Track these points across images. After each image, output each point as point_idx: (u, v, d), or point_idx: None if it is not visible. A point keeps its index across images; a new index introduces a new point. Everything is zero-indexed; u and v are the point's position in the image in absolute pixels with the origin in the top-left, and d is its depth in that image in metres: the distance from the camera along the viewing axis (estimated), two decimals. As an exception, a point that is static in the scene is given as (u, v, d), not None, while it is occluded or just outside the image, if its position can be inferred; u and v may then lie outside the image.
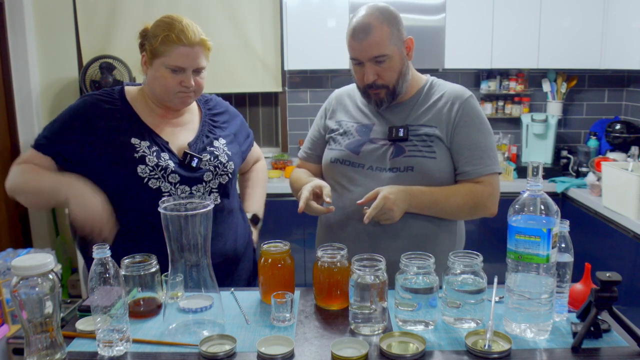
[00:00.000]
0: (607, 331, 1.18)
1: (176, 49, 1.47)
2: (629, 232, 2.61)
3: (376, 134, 1.64)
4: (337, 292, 1.31)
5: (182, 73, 1.50)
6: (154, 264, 1.30)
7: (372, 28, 1.52)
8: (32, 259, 1.03)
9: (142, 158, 1.50)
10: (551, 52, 3.40)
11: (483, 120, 1.63)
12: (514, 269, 1.17)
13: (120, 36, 3.68)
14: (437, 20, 3.37)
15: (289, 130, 3.92)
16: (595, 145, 3.51)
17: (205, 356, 1.11)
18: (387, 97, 1.60)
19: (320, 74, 3.80)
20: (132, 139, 1.52)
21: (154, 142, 1.55)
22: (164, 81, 1.51)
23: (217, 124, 1.69)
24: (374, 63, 1.55)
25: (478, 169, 1.58)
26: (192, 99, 1.59)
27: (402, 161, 1.58)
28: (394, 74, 1.57)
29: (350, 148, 1.65)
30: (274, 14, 3.67)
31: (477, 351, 1.10)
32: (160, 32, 1.49)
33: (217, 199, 1.60)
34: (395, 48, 1.55)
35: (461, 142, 1.59)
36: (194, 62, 1.50)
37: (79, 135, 1.52)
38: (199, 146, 1.61)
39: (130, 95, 1.61)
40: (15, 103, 3.66)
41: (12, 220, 3.76)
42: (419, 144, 1.59)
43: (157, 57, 1.50)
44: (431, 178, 1.57)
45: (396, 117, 1.64)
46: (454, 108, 1.60)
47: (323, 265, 1.31)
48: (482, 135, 1.60)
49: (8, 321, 1.93)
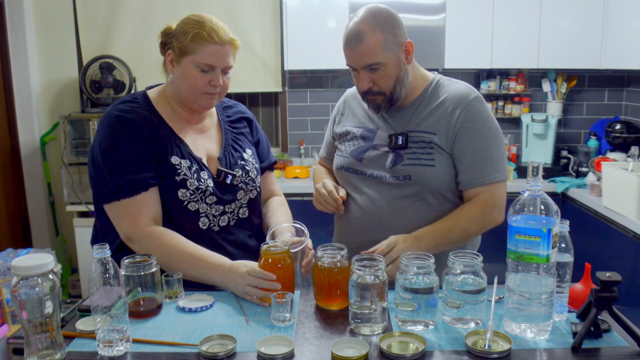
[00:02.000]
0: (607, 331, 1.18)
1: (207, 46, 1.43)
2: (629, 232, 2.61)
3: (379, 139, 1.62)
4: (337, 292, 1.31)
5: (211, 72, 1.46)
6: (154, 264, 1.30)
7: (363, 36, 1.48)
8: (32, 259, 1.03)
9: (184, 182, 1.46)
10: (551, 52, 3.40)
11: (487, 124, 1.55)
12: (514, 269, 1.17)
13: (120, 36, 3.69)
14: (437, 20, 3.37)
15: (289, 130, 3.92)
16: (595, 145, 3.51)
17: (205, 356, 1.11)
18: (385, 103, 1.57)
19: (320, 74, 3.80)
20: (172, 158, 1.46)
21: (192, 158, 1.50)
22: (193, 80, 1.45)
23: (238, 131, 1.67)
24: (368, 70, 1.52)
25: (478, 179, 1.52)
26: (217, 101, 1.53)
27: (401, 170, 1.56)
28: (390, 80, 1.53)
29: (354, 155, 1.65)
30: (274, 14, 3.68)
31: (477, 351, 1.10)
32: (190, 29, 1.44)
33: (245, 214, 1.59)
34: (390, 54, 1.50)
35: (462, 149, 1.53)
36: (224, 60, 1.46)
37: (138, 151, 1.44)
38: (229, 160, 1.58)
39: (154, 100, 1.53)
40: (15, 103, 3.66)
41: (12, 220, 3.76)
42: (418, 151, 1.55)
43: (186, 55, 1.44)
44: (430, 187, 1.54)
45: (398, 122, 1.61)
46: (455, 113, 1.54)
47: (323, 265, 1.31)
48: (485, 141, 1.53)
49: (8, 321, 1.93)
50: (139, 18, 3.65)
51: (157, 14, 3.63)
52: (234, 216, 1.57)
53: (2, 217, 3.66)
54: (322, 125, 3.90)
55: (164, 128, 1.50)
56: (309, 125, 3.92)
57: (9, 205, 3.74)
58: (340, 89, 3.73)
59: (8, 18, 3.56)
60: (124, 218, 1.43)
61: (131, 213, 1.42)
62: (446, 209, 1.57)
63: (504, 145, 1.60)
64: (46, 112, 3.79)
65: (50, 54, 3.73)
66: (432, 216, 1.56)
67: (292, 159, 3.85)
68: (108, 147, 1.44)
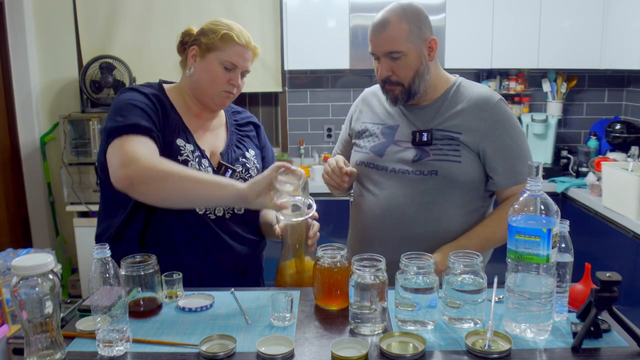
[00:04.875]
0: (607, 331, 1.18)
1: (234, 47, 1.52)
2: (629, 232, 2.61)
3: (401, 135, 1.63)
4: (337, 292, 1.31)
5: (232, 72, 1.54)
6: (154, 264, 1.30)
7: (389, 24, 1.52)
8: (32, 259, 1.03)
9: (185, 162, 1.49)
10: (551, 52, 3.40)
11: (514, 124, 1.59)
12: (514, 269, 1.17)
13: (120, 36, 3.69)
14: (437, 20, 3.37)
15: (289, 130, 3.92)
16: (595, 145, 3.51)
17: (205, 356, 1.11)
18: (402, 95, 1.58)
19: (320, 74, 3.80)
20: (177, 140, 1.51)
21: (196, 146, 1.54)
22: (215, 74, 1.52)
23: (244, 133, 1.71)
24: (389, 59, 1.55)
25: (514, 178, 1.56)
26: (230, 101, 1.61)
27: (426, 164, 1.57)
28: (410, 71, 1.55)
29: (375, 151, 1.65)
30: (274, 14, 3.68)
31: (477, 351, 1.10)
32: (220, 29, 1.53)
33: (242, 210, 1.59)
34: (412, 46, 1.53)
35: (494, 150, 1.55)
36: (246, 63, 1.56)
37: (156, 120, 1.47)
38: (231, 156, 1.61)
39: (167, 90, 1.60)
40: (15, 103, 3.66)
41: (12, 220, 3.76)
42: (444, 147, 1.56)
43: (213, 51, 1.52)
44: (456, 183, 1.55)
45: (420, 120, 1.62)
46: (482, 115, 1.56)
47: (323, 265, 1.31)
48: (516, 141, 1.57)
49: (8, 321, 1.93)
50: (139, 18, 3.65)
51: (157, 14, 3.63)
52: (229, 209, 1.57)
53: (2, 217, 3.66)
54: (322, 125, 3.90)
55: (174, 113, 1.55)
56: (309, 125, 3.92)
57: (9, 205, 3.74)
58: (340, 89, 3.74)
59: (8, 18, 3.56)
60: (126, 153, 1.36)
61: (133, 148, 1.37)
62: (470, 208, 1.59)
63: (528, 145, 1.63)
64: (46, 112, 3.79)
65: (50, 54, 3.73)
66: (455, 213, 1.57)
67: (292, 159, 3.85)
68: (121, 103, 1.47)
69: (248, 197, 1.34)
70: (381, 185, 1.62)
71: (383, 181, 1.62)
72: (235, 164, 1.60)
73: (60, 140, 3.55)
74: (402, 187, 1.58)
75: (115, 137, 1.40)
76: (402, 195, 1.59)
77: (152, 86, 1.58)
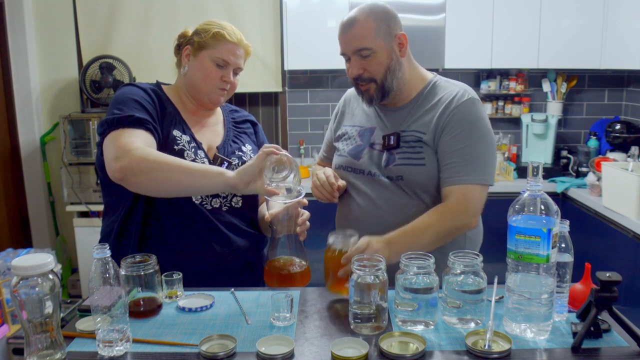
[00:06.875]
0: (607, 331, 1.18)
1: (226, 44, 1.57)
2: (629, 232, 2.61)
3: (377, 138, 1.63)
4: (348, 278, 1.30)
5: (224, 69, 1.58)
6: (154, 264, 1.30)
7: (356, 22, 1.52)
8: (32, 259, 1.03)
9: (181, 152, 1.51)
10: (551, 52, 3.40)
11: (476, 125, 1.52)
12: (514, 269, 1.17)
13: (120, 36, 3.68)
14: (437, 20, 3.37)
15: (289, 130, 3.92)
16: (595, 145, 3.51)
17: (205, 356, 1.11)
18: (377, 93, 1.57)
19: (320, 74, 3.80)
20: (174, 131, 1.54)
21: (193, 139, 1.57)
22: (208, 71, 1.56)
23: (241, 130, 1.73)
24: (359, 57, 1.54)
25: (452, 178, 1.50)
26: (225, 99, 1.63)
27: (394, 170, 1.57)
28: (381, 67, 1.54)
29: (352, 154, 1.66)
30: (274, 14, 3.67)
31: (477, 351, 1.10)
32: (212, 28, 1.57)
33: (239, 203, 1.60)
34: (382, 42, 1.52)
35: (444, 147, 1.52)
36: (238, 60, 1.60)
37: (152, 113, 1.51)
38: (228, 150, 1.63)
39: (165, 89, 1.64)
40: (15, 103, 3.66)
41: (12, 220, 3.76)
42: (408, 151, 1.56)
43: (205, 49, 1.56)
44: (422, 186, 1.55)
45: (393, 122, 1.62)
46: (446, 112, 1.53)
47: (334, 250, 1.31)
48: (469, 142, 1.50)
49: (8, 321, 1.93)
50: (138, 18, 3.65)
51: (157, 14, 3.63)
52: (226, 202, 1.58)
53: (2, 217, 3.66)
54: (322, 125, 3.90)
55: (171, 108, 1.59)
56: (309, 125, 3.92)
57: (9, 205, 3.74)
58: (340, 89, 3.74)
59: (8, 18, 3.56)
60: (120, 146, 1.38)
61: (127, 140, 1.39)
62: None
63: (492, 150, 1.55)
64: (46, 112, 3.79)
65: (50, 54, 3.73)
66: None
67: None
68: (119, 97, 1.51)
69: (237, 185, 1.35)
70: (359, 189, 1.63)
71: (360, 185, 1.63)
72: (231, 157, 1.62)
73: (60, 140, 3.55)
74: (378, 191, 1.59)
75: (111, 130, 1.43)
76: (378, 199, 1.60)
77: (148, 83, 1.62)
